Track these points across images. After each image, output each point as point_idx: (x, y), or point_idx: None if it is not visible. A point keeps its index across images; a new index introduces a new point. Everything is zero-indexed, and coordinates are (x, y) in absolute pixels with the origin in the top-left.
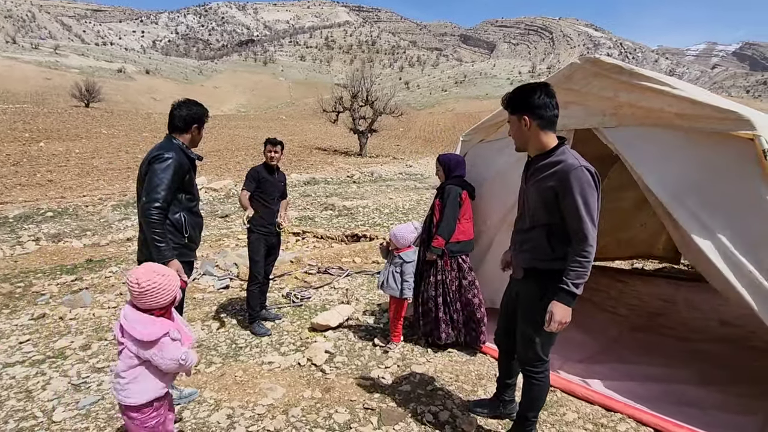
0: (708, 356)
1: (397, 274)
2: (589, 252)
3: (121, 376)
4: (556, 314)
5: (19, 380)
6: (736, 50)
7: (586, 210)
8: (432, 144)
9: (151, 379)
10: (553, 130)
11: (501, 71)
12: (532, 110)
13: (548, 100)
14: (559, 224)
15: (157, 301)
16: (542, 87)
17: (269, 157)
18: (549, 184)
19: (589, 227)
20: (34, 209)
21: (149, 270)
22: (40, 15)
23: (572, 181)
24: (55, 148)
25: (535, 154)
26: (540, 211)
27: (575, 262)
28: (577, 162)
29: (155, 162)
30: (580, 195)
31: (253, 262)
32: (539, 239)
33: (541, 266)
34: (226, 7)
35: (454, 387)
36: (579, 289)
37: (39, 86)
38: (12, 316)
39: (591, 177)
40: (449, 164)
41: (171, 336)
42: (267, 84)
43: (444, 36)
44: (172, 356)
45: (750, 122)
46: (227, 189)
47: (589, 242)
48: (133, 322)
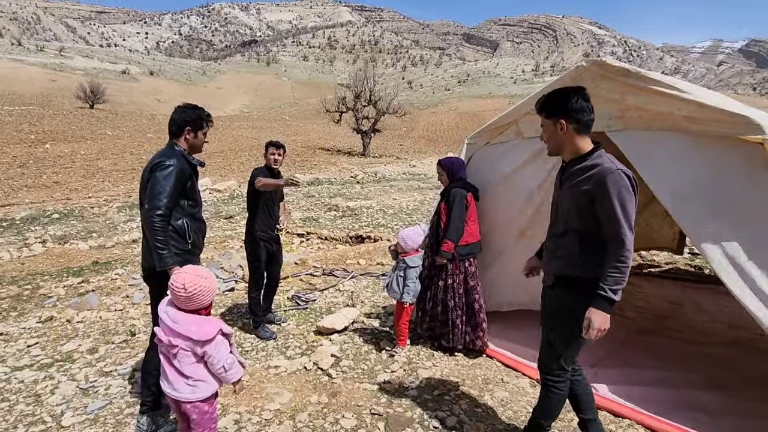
0: (716, 359)
1: (401, 279)
2: (627, 257)
3: (186, 376)
4: (594, 321)
5: (28, 384)
6: (742, 47)
7: (624, 214)
8: (435, 143)
9: (211, 372)
10: (588, 135)
11: (504, 70)
12: (569, 114)
13: (585, 104)
14: (592, 230)
15: (202, 303)
16: (578, 91)
17: (272, 160)
18: (584, 188)
19: (627, 232)
20: (40, 211)
21: (193, 274)
22: (44, 17)
23: (609, 185)
24: (60, 149)
25: (570, 159)
26: (573, 215)
27: (613, 267)
28: (614, 166)
29: (157, 169)
30: (617, 199)
31: (253, 268)
32: (572, 246)
33: (572, 273)
34: (229, 7)
35: (460, 392)
36: (617, 295)
37: (44, 88)
38: (20, 319)
39: (629, 181)
40: (452, 168)
41: (223, 330)
42: (270, 84)
43: (447, 35)
44: (222, 355)
45: (760, 126)
46: (231, 190)
47: (626, 247)
48: (186, 324)
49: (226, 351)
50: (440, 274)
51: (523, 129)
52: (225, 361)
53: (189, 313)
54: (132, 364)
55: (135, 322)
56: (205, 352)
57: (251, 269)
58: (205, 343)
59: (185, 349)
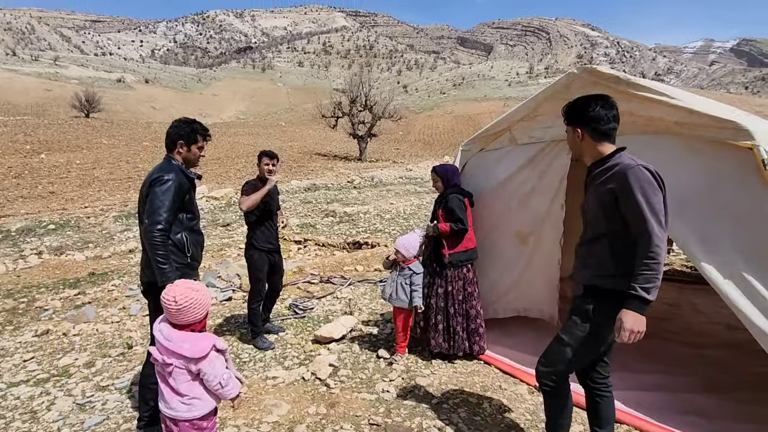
0: (714, 362)
1: (407, 286)
2: (657, 253)
3: (181, 394)
4: (626, 322)
5: (24, 400)
6: (733, 47)
7: (650, 209)
8: (432, 147)
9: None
10: (609, 141)
11: (499, 73)
12: (586, 123)
13: (604, 112)
14: (621, 233)
15: (194, 316)
16: (598, 99)
17: (266, 171)
18: (607, 187)
19: (655, 227)
20: (36, 222)
21: (183, 287)
22: (39, 27)
23: (631, 180)
24: (56, 159)
25: (591, 162)
26: (600, 218)
27: (643, 265)
28: (634, 162)
29: (156, 184)
30: (641, 194)
31: (255, 279)
32: (602, 252)
33: (602, 284)
34: (223, 15)
35: (459, 400)
36: (651, 295)
37: (39, 98)
38: (16, 333)
39: (651, 175)
40: (446, 174)
41: (217, 346)
42: (266, 90)
43: (441, 39)
44: (217, 371)
45: (748, 132)
46: (228, 197)
47: (655, 242)
48: (179, 341)
49: (221, 367)
50: (440, 281)
51: (516, 136)
52: (221, 378)
53: (182, 330)
54: (129, 377)
55: (132, 334)
56: (200, 370)
57: (252, 280)
58: (198, 361)
59: (180, 367)
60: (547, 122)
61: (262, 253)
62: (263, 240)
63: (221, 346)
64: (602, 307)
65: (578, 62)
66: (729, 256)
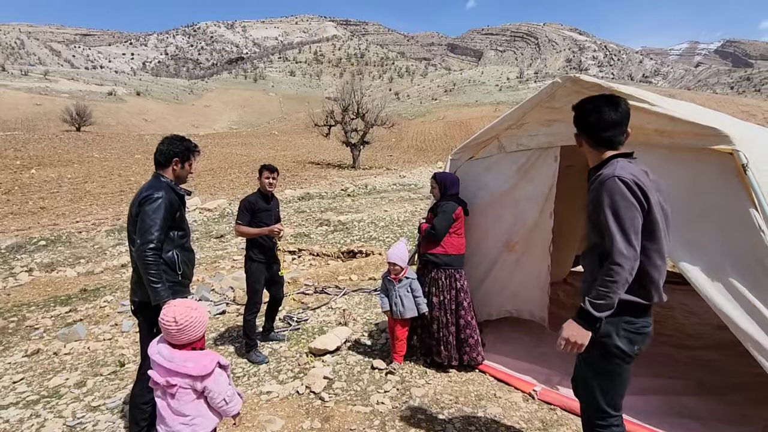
0: (706, 363)
1: (409, 294)
2: (615, 271)
3: (185, 414)
4: (564, 330)
5: (13, 423)
6: (718, 48)
7: (617, 223)
8: (425, 153)
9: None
10: (609, 148)
11: (489, 78)
12: (583, 129)
13: (602, 117)
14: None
15: (195, 335)
16: (600, 102)
17: (267, 184)
18: (590, 197)
19: (619, 243)
20: (26, 238)
21: (182, 306)
22: (28, 42)
23: (603, 192)
24: (46, 174)
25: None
26: (590, 230)
27: (600, 280)
28: (613, 172)
29: (146, 203)
30: (609, 207)
31: (253, 291)
32: (593, 265)
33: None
34: (214, 26)
35: (454, 409)
36: (598, 311)
37: (29, 112)
38: (5, 354)
39: (626, 188)
40: (445, 183)
41: (220, 362)
42: (258, 100)
43: (431, 46)
44: (222, 388)
45: (728, 138)
46: (221, 208)
47: (615, 259)
48: (182, 361)
49: (225, 384)
50: (433, 290)
51: (505, 144)
52: (225, 395)
53: (183, 350)
54: (121, 396)
55: (124, 351)
56: (206, 387)
57: (249, 291)
58: (204, 378)
59: (184, 386)
60: (533, 130)
61: (261, 264)
62: (261, 251)
63: (224, 362)
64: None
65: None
66: (713, 259)
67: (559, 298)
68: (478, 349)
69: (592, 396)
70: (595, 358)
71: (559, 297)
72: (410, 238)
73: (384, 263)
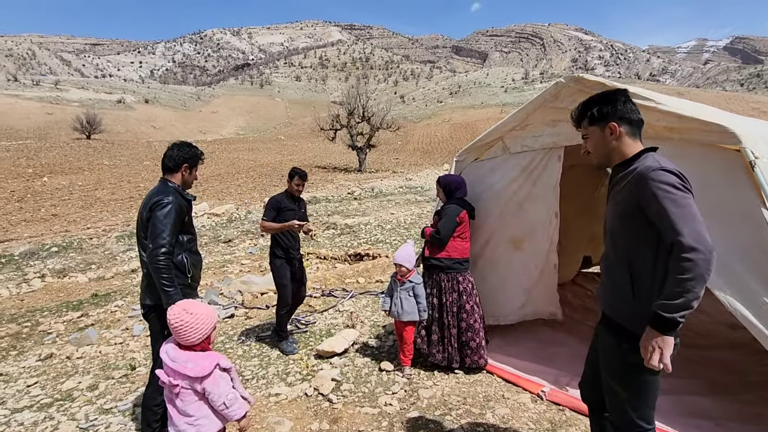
0: (718, 363)
1: (411, 298)
2: (689, 267)
3: (189, 415)
4: (645, 345)
5: (28, 426)
6: (726, 45)
7: (680, 213)
8: (431, 156)
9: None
10: (640, 139)
11: (495, 79)
12: (621, 116)
13: (633, 105)
14: (644, 254)
15: (188, 339)
16: (622, 92)
17: (296, 190)
18: (627, 192)
19: (687, 234)
20: (39, 245)
21: (180, 308)
22: (40, 52)
23: (652, 183)
24: (58, 182)
25: (615, 166)
26: (618, 231)
27: (670, 279)
28: (658, 164)
29: (156, 208)
30: (668, 198)
31: (281, 286)
32: (619, 277)
33: (619, 319)
34: (221, 33)
35: (462, 411)
36: (678, 314)
37: (41, 121)
38: (19, 358)
39: (677, 178)
40: (450, 186)
41: (221, 365)
42: (264, 105)
43: (436, 48)
44: (221, 391)
45: (735, 135)
46: (229, 213)
47: (686, 254)
48: (183, 362)
49: (226, 386)
50: (435, 292)
51: (509, 145)
52: (225, 398)
53: (186, 350)
54: (132, 399)
55: (135, 355)
56: (204, 389)
57: (278, 287)
58: (203, 380)
59: (186, 387)
60: (537, 131)
61: (283, 260)
62: (284, 249)
63: (225, 365)
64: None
65: (573, 66)
66: (722, 258)
67: (566, 299)
68: (480, 352)
69: (624, 411)
70: (624, 373)
71: (567, 298)
72: (417, 241)
73: (391, 266)
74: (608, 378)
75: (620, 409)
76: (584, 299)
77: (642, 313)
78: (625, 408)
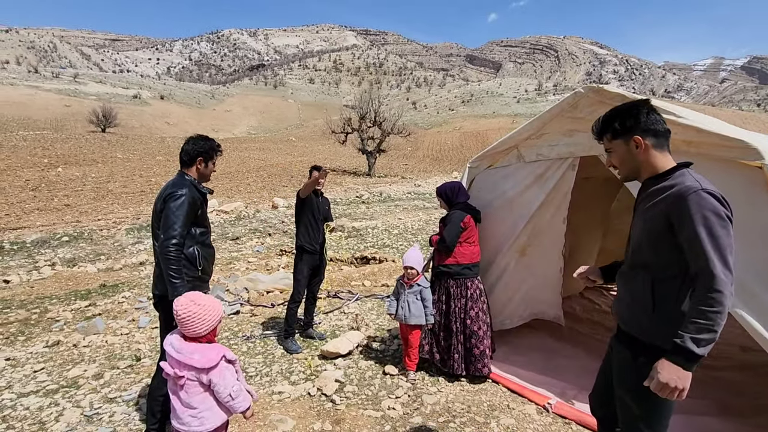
0: (728, 384)
1: (418, 301)
2: (718, 300)
3: (193, 407)
4: (660, 375)
5: (33, 411)
6: (744, 64)
7: (713, 244)
8: (440, 163)
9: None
10: (669, 150)
11: (507, 90)
12: (646, 128)
13: (657, 116)
14: (669, 271)
15: (194, 330)
16: (645, 103)
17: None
18: (660, 209)
19: (718, 266)
20: (50, 234)
21: (188, 299)
22: (61, 45)
23: (691, 206)
24: (72, 172)
25: (647, 178)
26: (644, 247)
27: (696, 311)
28: (699, 184)
29: (170, 200)
30: (702, 225)
31: (295, 281)
32: (640, 289)
33: (638, 333)
34: (237, 33)
35: (466, 419)
36: (701, 348)
37: (59, 113)
38: (27, 344)
39: (719, 203)
40: (448, 194)
41: (227, 356)
42: (277, 106)
43: (450, 57)
44: (227, 382)
45: (757, 151)
46: (238, 211)
47: (716, 286)
48: (189, 353)
49: (231, 378)
50: (443, 299)
51: (524, 153)
52: (231, 389)
53: (192, 342)
54: (137, 390)
55: (140, 346)
56: (211, 380)
57: (294, 282)
58: (209, 371)
59: (191, 379)
60: (553, 140)
61: (305, 254)
62: (305, 240)
63: (231, 357)
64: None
65: (587, 79)
66: (739, 277)
67: (575, 312)
68: (483, 360)
69: (637, 428)
70: (641, 391)
71: (575, 311)
72: (423, 246)
73: (397, 270)
74: (622, 392)
75: (633, 425)
76: (592, 313)
77: (662, 327)
78: (638, 424)
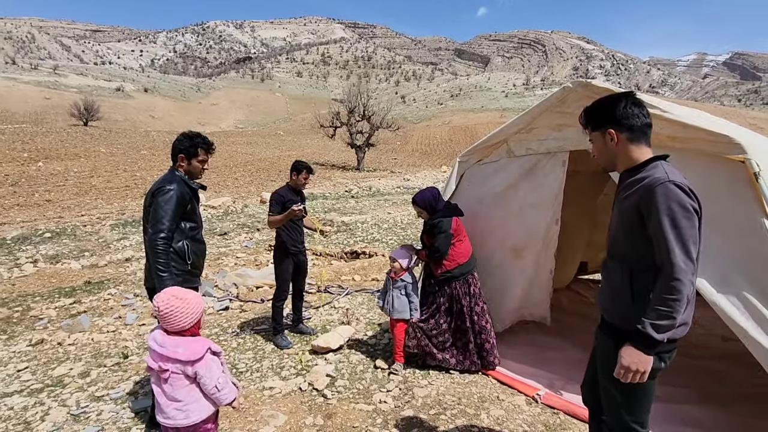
0: (710, 373)
1: (403, 296)
2: (678, 289)
3: (178, 400)
4: (624, 358)
5: (18, 411)
6: (726, 60)
7: (675, 234)
8: (429, 157)
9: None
10: (646, 143)
11: (496, 84)
12: (619, 121)
13: (636, 109)
14: (645, 261)
15: (176, 324)
16: (627, 95)
17: (302, 184)
18: (632, 202)
19: (678, 256)
20: (32, 230)
21: (168, 294)
22: (39, 36)
23: (658, 197)
24: (53, 167)
25: (623, 170)
26: (621, 239)
27: (657, 298)
28: (667, 176)
29: (158, 195)
30: (667, 215)
31: (280, 279)
32: (618, 280)
33: (618, 322)
34: (223, 25)
35: (457, 411)
36: (659, 334)
37: (38, 106)
38: (10, 342)
39: (685, 195)
40: (432, 204)
41: (212, 349)
42: (264, 99)
43: (439, 50)
44: (213, 374)
45: (740, 146)
46: (225, 206)
47: (675, 274)
48: (173, 346)
49: (217, 370)
50: (445, 300)
51: (513, 148)
52: (216, 381)
53: (175, 336)
54: (124, 387)
55: (128, 343)
56: (196, 373)
57: (278, 280)
58: (195, 363)
59: (176, 372)
60: (542, 135)
61: (290, 255)
62: (289, 242)
63: (216, 349)
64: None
65: (574, 74)
66: (722, 270)
67: (562, 304)
68: (494, 352)
69: (619, 414)
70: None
71: (562, 303)
72: (414, 242)
73: (387, 264)
74: (605, 381)
75: (616, 412)
76: (579, 305)
77: (640, 314)
78: (620, 411)
